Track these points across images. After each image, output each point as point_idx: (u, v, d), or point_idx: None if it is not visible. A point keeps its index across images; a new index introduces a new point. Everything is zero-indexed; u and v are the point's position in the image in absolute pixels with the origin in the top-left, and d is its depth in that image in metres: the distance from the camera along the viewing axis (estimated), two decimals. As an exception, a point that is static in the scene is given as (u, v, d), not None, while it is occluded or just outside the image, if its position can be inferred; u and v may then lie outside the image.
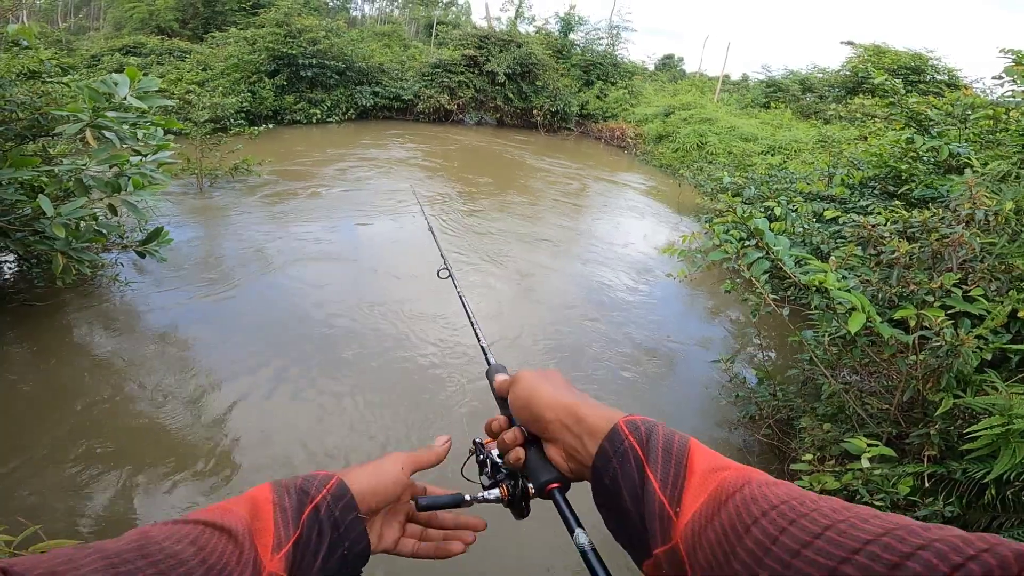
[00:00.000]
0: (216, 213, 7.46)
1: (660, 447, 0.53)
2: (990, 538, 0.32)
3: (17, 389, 3.73)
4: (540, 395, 0.64)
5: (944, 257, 2.95)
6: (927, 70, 14.48)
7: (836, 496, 1.72)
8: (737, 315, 6.15)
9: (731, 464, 0.51)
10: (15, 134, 4.67)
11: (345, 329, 4.82)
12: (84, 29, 27.17)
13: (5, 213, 4.01)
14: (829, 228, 4.73)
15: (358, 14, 34.22)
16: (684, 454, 0.52)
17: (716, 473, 0.49)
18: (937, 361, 2.60)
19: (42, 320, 4.47)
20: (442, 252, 1.12)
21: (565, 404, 0.61)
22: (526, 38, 19.49)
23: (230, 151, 8.71)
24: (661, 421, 0.56)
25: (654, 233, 9.03)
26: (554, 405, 0.62)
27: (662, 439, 0.53)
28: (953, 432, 2.64)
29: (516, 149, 14.93)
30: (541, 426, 0.63)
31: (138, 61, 14.72)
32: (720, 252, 3.21)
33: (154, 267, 5.31)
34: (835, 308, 2.81)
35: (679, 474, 0.51)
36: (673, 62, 29.57)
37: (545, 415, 0.62)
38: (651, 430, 0.54)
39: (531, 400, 0.64)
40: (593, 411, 0.60)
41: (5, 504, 2.82)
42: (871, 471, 2.52)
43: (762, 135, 12.82)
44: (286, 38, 14.72)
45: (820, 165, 7.75)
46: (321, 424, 3.70)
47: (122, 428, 3.48)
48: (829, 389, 3.26)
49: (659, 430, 0.54)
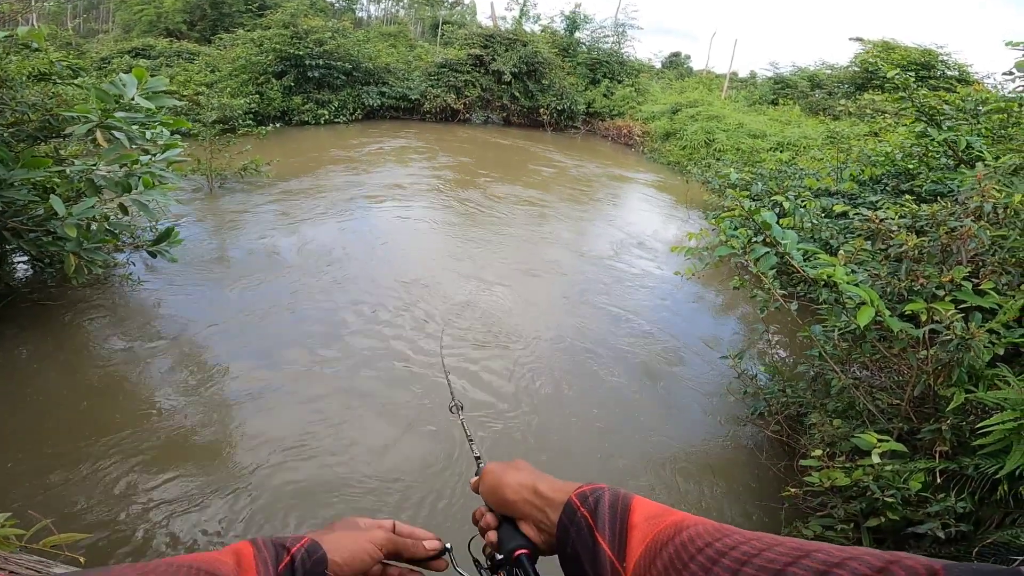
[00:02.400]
0: (226, 213, 7.51)
1: (607, 511, 0.61)
2: (900, 554, 0.39)
3: (30, 386, 3.77)
4: (505, 481, 0.73)
5: (954, 251, 2.92)
6: (937, 66, 14.36)
7: (847, 491, 1.71)
8: (746, 311, 6.13)
9: (669, 512, 0.58)
10: (27, 135, 4.72)
11: (357, 330, 4.85)
12: (93, 32, 27.41)
13: (18, 214, 4.06)
14: (838, 223, 4.70)
15: (364, 15, 34.32)
16: (626, 512, 0.60)
17: (652, 521, 0.57)
18: (948, 356, 2.58)
19: (55, 319, 4.52)
20: (452, 391, 1.22)
21: (526, 484, 0.71)
22: (531, 37, 19.47)
23: (239, 152, 8.77)
24: (606, 485, 0.64)
25: (663, 229, 9.00)
26: (516, 487, 0.71)
27: (607, 503, 0.61)
28: (965, 427, 2.62)
29: (523, 147, 14.92)
30: (509, 507, 0.72)
31: (147, 63, 14.82)
32: (727, 247, 3.20)
33: (165, 267, 5.35)
34: (844, 303, 2.79)
35: (622, 530, 0.58)
36: (680, 60, 29.46)
37: (509, 496, 0.71)
38: (599, 498, 0.62)
39: (497, 487, 0.73)
40: (550, 486, 0.69)
41: (17, 498, 2.86)
42: (882, 467, 2.51)
43: (770, 132, 12.75)
44: (293, 39, 14.78)
45: (830, 161, 7.70)
46: (329, 425, 3.72)
47: (132, 425, 3.51)
48: (839, 384, 3.23)
49: (605, 496, 0.62)
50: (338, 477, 3.27)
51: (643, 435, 3.98)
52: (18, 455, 3.15)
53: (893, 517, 2.51)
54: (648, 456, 3.76)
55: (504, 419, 3.94)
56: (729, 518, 3.31)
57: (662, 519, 0.57)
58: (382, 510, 3.09)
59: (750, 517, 3.32)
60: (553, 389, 4.34)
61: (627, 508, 0.60)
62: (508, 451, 3.66)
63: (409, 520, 1.21)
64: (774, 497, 3.34)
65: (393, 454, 3.51)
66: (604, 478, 2.94)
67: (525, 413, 4.02)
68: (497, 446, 3.68)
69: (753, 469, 3.71)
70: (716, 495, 3.49)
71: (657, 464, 3.69)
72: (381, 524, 0.74)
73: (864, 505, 2.62)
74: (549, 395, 4.27)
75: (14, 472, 3.04)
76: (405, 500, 3.18)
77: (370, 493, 3.20)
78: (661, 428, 4.08)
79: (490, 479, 0.75)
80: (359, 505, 3.11)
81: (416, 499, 3.19)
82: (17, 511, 1.64)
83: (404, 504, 3.15)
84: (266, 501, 3.06)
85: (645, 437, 3.96)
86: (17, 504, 2.79)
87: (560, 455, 3.70)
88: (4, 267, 4.76)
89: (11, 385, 3.76)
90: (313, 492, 3.14)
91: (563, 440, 3.83)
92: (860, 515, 2.68)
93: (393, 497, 3.19)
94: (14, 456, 3.13)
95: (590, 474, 3.54)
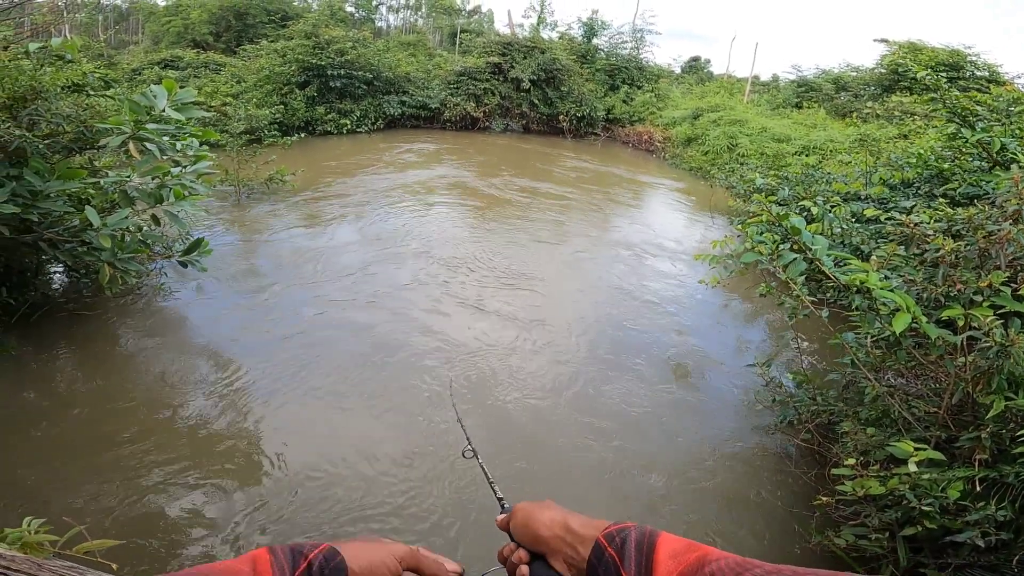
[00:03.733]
0: (253, 223, 7.64)
1: (632, 549, 0.63)
2: None
3: (66, 395, 3.87)
4: (537, 517, 0.75)
5: (992, 255, 2.85)
6: (966, 66, 14.06)
7: (882, 500, 1.69)
8: (773, 319, 6.04)
9: (695, 548, 0.60)
10: (62, 147, 4.85)
11: (384, 342, 4.88)
12: (124, 43, 28.10)
13: (54, 225, 4.17)
14: (869, 228, 4.62)
15: (383, 24, 34.68)
16: (652, 549, 0.62)
17: (677, 559, 0.59)
18: (987, 362, 2.51)
19: (90, 328, 4.64)
20: (468, 435, 1.24)
21: (558, 521, 0.73)
22: (549, 44, 19.51)
23: (265, 162, 8.92)
24: (634, 524, 0.67)
25: (687, 236, 8.94)
26: (549, 523, 0.74)
27: (634, 542, 0.64)
28: (1005, 435, 2.54)
29: (544, 154, 14.95)
30: (541, 543, 0.74)
31: (176, 74, 15.17)
32: (754, 254, 3.16)
33: (196, 276, 5.46)
34: (878, 309, 2.74)
35: (648, 568, 0.61)
36: (700, 64, 29.22)
37: (542, 532, 0.73)
38: (625, 537, 0.65)
39: (529, 522, 0.76)
40: (581, 523, 0.71)
41: (52, 505, 2.92)
42: (919, 475, 2.44)
43: (795, 135, 12.58)
44: (315, 49, 15.03)
45: (859, 165, 7.57)
46: (362, 437, 3.75)
47: (164, 433, 3.58)
48: (873, 392, 3.17)
49: (632, 535, 0.65)
50: (362, 498, 3.24)
51: (667, 442, 3.94)
52: (55, 462, 3.22)
53: (931, 526, 2.45)
54: (672, 464, 3.72)
55: (530, 407, 3.94)
56: (757, 526, 3.26)
57: (686, 555, 0.59)
58: (411, 530, 3.07)
59: (779, 526, 3.26)
60: (572, 392, 4.32)
61: (652, 546, 0.62)
62: (537, 443, 3.64)
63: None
64: (805, 506, 3.29)
65: (418, 471, 3.51)
66: (622, 487, 2.92)
67: (547, 408, 4.02)
68: (527, 430, 3.67)
69: (782, 477, 3.65)
70: (743, 502, 3.44)
71: (681, 473, 3.65)
72: (405, 548, 0.74)
73: (900, 514, 2.56)
74: (570, 395, 4.25)
75: (50, 479, 3.11)
76: (429, 515, 3.18)
77: (394, 515, 3.19)
78: (686, 436, 4.03)
79: (522, 516, 0.78)
80: (384, 526, 3.10)
81: (437, 516, 3.19)
82: (52, 518, 1.67)
83: (430, 524, 3.16)
84: (291, 515, 3.09)
85: (669, 444, 3.92)
86: (50, 510, 2.85)
87: (576, 465, 3.67)
88: (40, 277, 4.90)
89: (48, 393, 3.86)
90: (337, 514, 3.15)
91: (582, 447, 3.81)
92: (895, 524, 2.62)
93: (422, 524, 3.19)
94: (50, 463, 3.21)
95: (609, 480, 3.52)
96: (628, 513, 3.28)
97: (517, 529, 0.78)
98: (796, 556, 3.06)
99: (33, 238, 4.08)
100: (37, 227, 4.09)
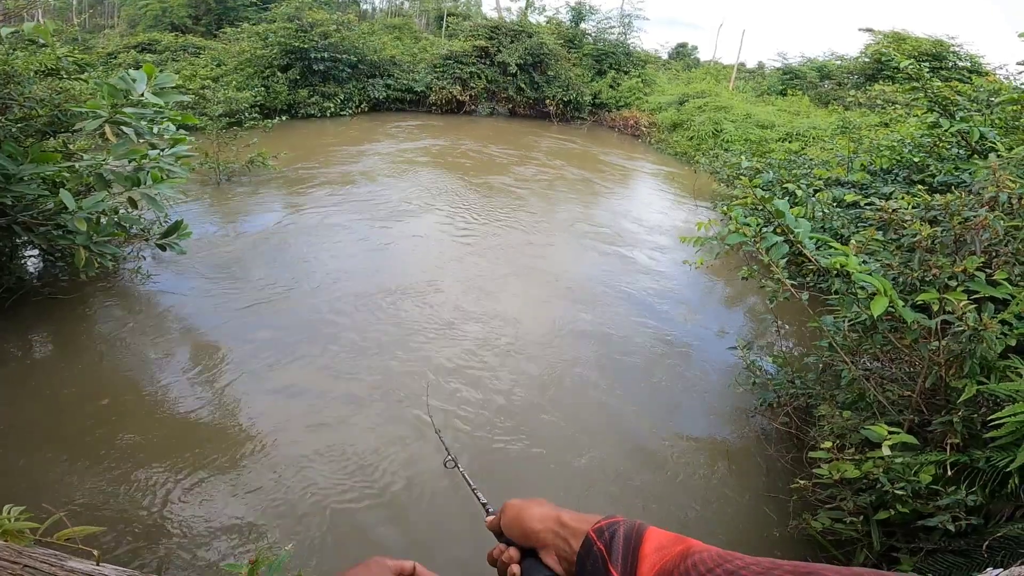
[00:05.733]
0: (233, 206, 7.53)
1: (620, 544, 0.64)
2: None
3: (44, 380, 3.81)
4: (528, 512, 0.76)
5: (967, 241, 2.89)
6: (948, 57, 14.20)
7: (856, 483, 1.73)
8: (754, 302, 6.10)
9: (679, 541, 0.62)
10: (36, 130, 4.74)
11: (361, 322, 4.86)
12: (99, 27, 27.41)
13: (28, 208, 4.08)
14: (849, 212, 4.66)
15: (368, 7, 34.09)
16: (639, 543, 0.63)
17: (662, 552, 0.61)
18: (960, 347, 2.56)
19: (67, 313, 4.56)
20: (447, 446, 1.23)
21: (551, 515, 0.74)
22: (537, 28, 19.37)
23: (246, 145, 8.79)
24: (623, 518, 0.68)
25: (670, 220, 8.96)
26: (541, 517, 0.75)
27: (622, 536, 0.65)
28: (976, 420, 2.60)
29: (530, 138, 14.86)
30: (533, 537, 0.74)
31: (153, 58, 14.84)
32: (739, 235, 3.18)
33: (174, 259, 5.37)
34: (856, 292, 2.77)
35: (633, 561, 0.62)
36: (687, 50, 29.20)
37: (534, 526, 0.74)
38: (614, 532, 0.66)
39: (520, 517, 0.76)
40: (573, 517, 0.72)
41: (30, 491, 2.89)
42: (892, 459, 2.49)
43: (779, 122, 12.65)
44: (298, 32, 14.77)
45: (840, 151, 7.62)
46: (337, 420, 3.75)
47: (143, 418, 3.54)
48: (849, 376, 3.22)
49: (620, 529, 0.66)
50: (346, 482, 3.24)
51: (648, 425, 3.97)
52: (31, 448, 3.18)
53: (903, 510, 2.50)
54: (653, 447, 3.76)
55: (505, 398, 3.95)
56: (736, 510, 3.31)
57: (671, 548, 0.60)
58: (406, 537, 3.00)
59: (758, 509, 3.31)
60: (554, 377, 4.35)
61: (639, 539, 0.64)
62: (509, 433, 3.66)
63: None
64: (783, 489, 3.34)
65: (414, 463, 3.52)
66: (604, 469, 2.93)
67: (523, 398, 4.04)
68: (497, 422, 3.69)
69: (761, 460, 3.70)
70: (723, 487, 3.48)
71: (662, 455, 3.69)
72: (402, 564, 0.75)
73: (874, 497, 2.61)
74: (550, 382, 4.27)
75: (27, 465, 3.07)
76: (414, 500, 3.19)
77: (386, 509, 3.20)
78: (666, 418, 4.07)
79: (513, 512, 0.78)
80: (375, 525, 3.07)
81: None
82: (31, 504, 1.65)
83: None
84: (271, 501, 3.08)
85: (650, 427, 3.96)
86: (30, 497, 2.81)
87: (562, 440, 3.70)
88: (15, 261, 4.80)
89: (24, 378, 3.80)
90: (326, 505, 3.13)
91: (568, 427, 3.83)
92: (870, 508, 2.67)
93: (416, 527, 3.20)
94: (27, 449, 3.17)
95: (590, 463, 3.55)
96: (602, 497, 3.32)
97: (508, 525, 0.78)
98: (774, 539, 3.11)
99: (7, 221, 3.99)
100: (11, 211, 4.00)
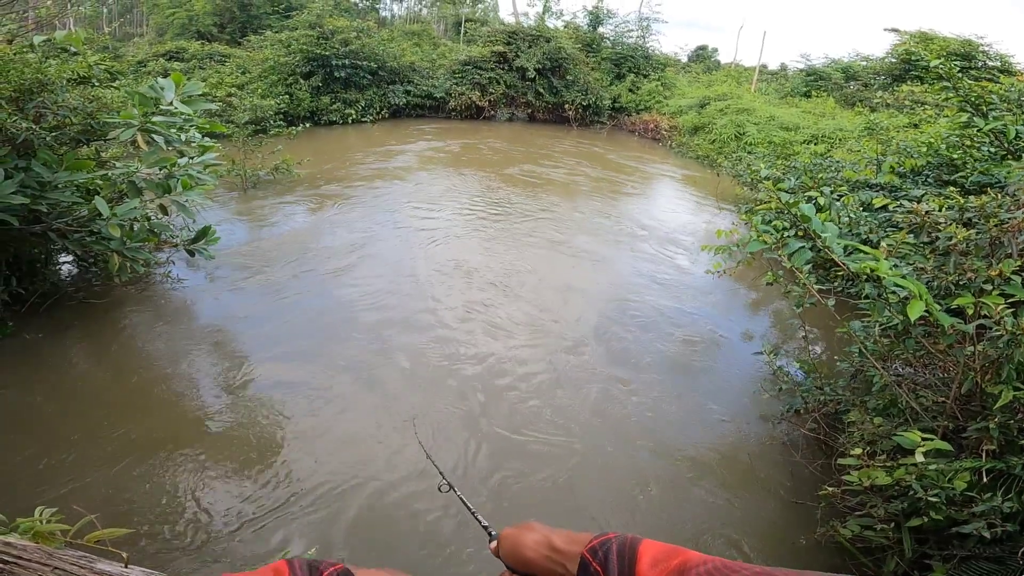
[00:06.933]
0: (259, 212, 7.66)
1: (615, 562, 0.64)
2: None
3: (76, 383, 3.91)
4: (522, 542, 0.77)
5: (1003, 243, 2.83)
6: (977, 56, 13.89)
7: (888, 491, 1.69)
8: (779, 308, 6.02)
9: (676, 553, 0.61)
10: (69, 139, 4.87)
11: (391, 328, 4.90)
12: (129, 35, 28.14)
13: (63, 215, 4.20)
14: (877, 217, 4.58)
15: (387, 14, 34.51)
16: (633, 559, 0.63)
17: (658, 567, 0.60)
18: (997, 352, 2.50)
19: (100, 316, 4.67)
20: (440, 471, 1.24)
21: (542, 542, 0.75)
22: (555, 33, 19.40)
23: (271, 152, 8.94)
24: (614, 534, 0.68)
25: (693, 224, 8.90)
26: (534, 546, 0.75)
27: (616, 554, 0.65)
28: (1013, 426, 2.53)
29: (549, 142, 14.88)
30: (530, 565, 0.76)
31: (181, 66, 15.18)
32: (759, 243, 3.14)
33: (203, 264, 5.49)
34: (888, 297, 2.72)
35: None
36: (707, 53, 29.03)
37: (529, 556, 0.75)
38: (608, 550, 0.66)
39: (515, 547, 0.78)
40: (564, 540, 0.73)
41: (62, 493, 2.94)
42: (925, 466, 2.44)
43: (804, 124, 12.47)
44: (319, 39, 15.00)
45: (868, 153, 7.50)
46: (369, 426, 3.77)
47: (175, 420, 3.61)
48: (880, 382, 3.16)
49: (614, 547, 0.66)
50: (380, 501, 3.21)
51: (672, 430, 3.94)
52: (64, 450, 3.25)
53: (937, 517, 2.44)
54: (676, 452, 3.72)
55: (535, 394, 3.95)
56: (761, 517, 3.26)
57: (668, 562, 0.60)
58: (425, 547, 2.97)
59: (784, 516, 3.26)
60: (573, 382, 4.33)
61: (634, 555, 0.64)
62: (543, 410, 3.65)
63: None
64: (810, 496, 3.28)
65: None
66: (626, 475, 2.90)
67: (539, 402, 4.03)
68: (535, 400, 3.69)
69: (787, 467, 3.64)
70: (748, 493, 3.44)
71: (686, 460, 3.65)
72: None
73: (906, 505, 2.56)
74: (563, 382, 4.26)
75: (60, 467, 3.14)
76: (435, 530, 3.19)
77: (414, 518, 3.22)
78: (691, 423, 4.03)
79: (508, 543, 0.80)
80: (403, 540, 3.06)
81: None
82: (62, 506, 1.68)
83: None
84: (300, 510, 3.11)
85: (675, 433, 3.92)
86: (61, 498, 2.86)
87: (584, 444, 3.68)
88: (50, 267, 4.93)
89: (58, 382, 3.89)
90: (355, 521, 3.15)
91: (592, 432, 3.82)
92: (901, 515, 2.61)
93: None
94: (60, 451, 3.24)
95: (611, 468, 3.52)
96: (629, 505, 3.29)
97: (507, 556, 0.80)
98: (800, 547, 3.05)
99: (42, 228, 4.10)
100: (46, 217, 4.12)
